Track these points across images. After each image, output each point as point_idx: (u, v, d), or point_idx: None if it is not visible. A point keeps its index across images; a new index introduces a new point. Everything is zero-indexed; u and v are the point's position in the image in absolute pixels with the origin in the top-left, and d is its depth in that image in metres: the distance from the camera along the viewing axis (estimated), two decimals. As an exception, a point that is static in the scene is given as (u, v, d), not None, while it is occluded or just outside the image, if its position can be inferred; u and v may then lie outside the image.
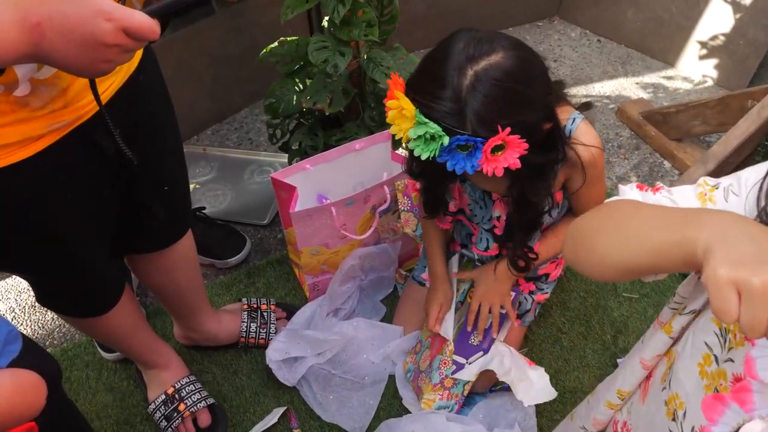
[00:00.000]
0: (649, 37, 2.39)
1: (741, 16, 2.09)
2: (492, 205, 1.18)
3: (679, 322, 0.70)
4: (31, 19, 0.59)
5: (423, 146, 0.87)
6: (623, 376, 0.80)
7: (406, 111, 0.87)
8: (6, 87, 0.70)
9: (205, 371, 1.46)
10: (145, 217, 1.01)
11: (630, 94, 2.25)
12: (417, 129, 0.86)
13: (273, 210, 1.80)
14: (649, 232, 0.56)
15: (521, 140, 0.86)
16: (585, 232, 0.65)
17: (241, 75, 2.08)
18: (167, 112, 1.03)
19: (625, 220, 0.61)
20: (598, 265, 0.62)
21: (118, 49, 0.63)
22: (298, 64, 1.47)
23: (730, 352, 0.60)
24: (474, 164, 0.87)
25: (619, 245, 0.59)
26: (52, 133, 0.78)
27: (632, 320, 1.53)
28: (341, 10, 1.24)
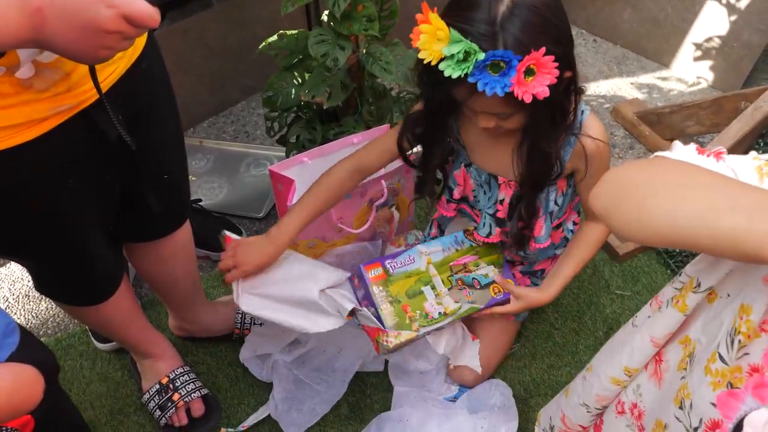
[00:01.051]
0: (644, 38, 2.41)
1: (735, 18, 2.12)
2: (497, 189, 1.19)
3: (693, 300, 0.67)
4: (32, 3, 0.59)
5: (454, 65, 0.87)
6: (630, 354, 0.78)
7: (440, 32, 0.87)
8: (8, 69, 0.70)
9: (199, 362, 1.46)
10: (144, 205, 1.01)
11: (625, 94, 2.26)
12: (452, 47, 0.87)
13: (269, 203, 1.80)
14: (721, 213, 0.50)
15: (553, 64, 0.87)
16: (633, 186, 0.59)
17: (239, 68, 2.08)
18: (169, 102, 1.03)
19: (693, 189, 0.54)
20: (642, 226, 0.56)
21: (118, 36, 0.64)
22: (297, 58, 1.47)
23: (743, 349, 0.59)
24: (506, 84, 0.88)
25: (678, 216, 0.53)
26: (56, 116, 0.79)
27: (624, 317, 1.54)
28: (342, 4, 1.24)
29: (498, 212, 1.23)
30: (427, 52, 0.90)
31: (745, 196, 0.51)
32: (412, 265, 1.26)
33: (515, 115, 1.00)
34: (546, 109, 0.97)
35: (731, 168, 0.60)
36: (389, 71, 1.36)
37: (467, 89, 0.92)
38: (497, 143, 1.14)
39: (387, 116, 1.55)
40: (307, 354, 1.41)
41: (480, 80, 0.88)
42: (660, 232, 0.55)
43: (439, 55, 0.88)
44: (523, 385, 1.42)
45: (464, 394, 1.37)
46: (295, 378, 1.38)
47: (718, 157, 0.61)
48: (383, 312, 1.18)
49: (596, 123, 1.11)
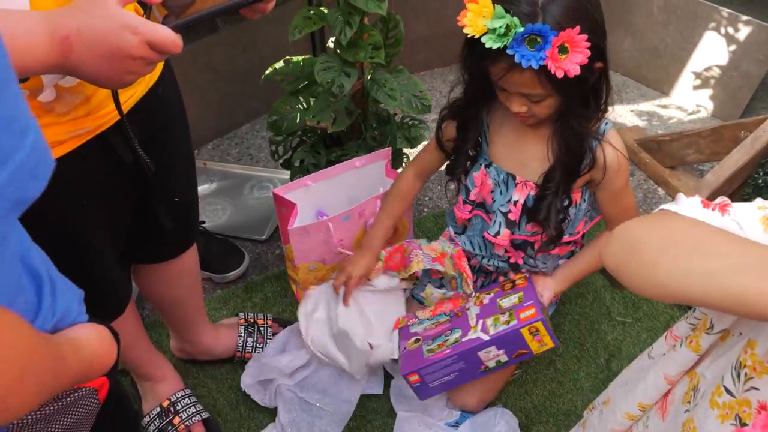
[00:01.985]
0: (644, 66, 2.44)
1: (734, 49, 2.15)
2: (513, 189, 1.23)
3: (707, 341, 0.68)
4: (60, 31, 0.62)
5: (495, 38, 0.96)
6: (644, 390, 0.79)
7: (485, 9, 0.96)
8: (31, 92, 0.72)
9: (200, 385, 1.46)
10: (156, 226, 1.03)
11: (625, 121, 2.29)
12: (494, 22, 0.95)
13: (272, 225, 1.81)
14: (731, 274, 0.51)
15: (585, 44, 0.95)
16: (643, 246, 0.61)
17: (245, 91, 2.11)
18: (182, 126, 1.06)
19: (702, 251, 0.56)
20: (654, 286, 0.58)
21: (142, 62, 0.66)
22: (303, 83, 1.50)
23: (751, 381, 0.59)
24: (541, 57, 0.95)
25: (689, 277, 0.55)
26: (73, 139, 0.80)
27: (625, 344, 1.54)
28: (348, 32, 1.26)
29: (510, 213, 1.25)
30: (471, 27, 0.98)
31: (753, 255, 0.52)
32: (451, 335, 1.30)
33: (547, 99, 1.06)
34: (578, 90, 1.04)
35: (737, 221, 0.61)
36: (393, 98, 1.38)
37: (504, 65, 1.00)
38: (522, 142, 1.20)
39: (390, 141, 1.57)
40: (311, 376, 1.41)
41: (517, 52, 0.96)
42: (671, 290, 0.56)
43: (482, 29, 0.97)
44: (524, 411, 1.42)
45: (468, 421, 1.36)
46: (301, 401, 1.38)
47: (723, 211, 0.62)
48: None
49: (618, 137, 1.18)
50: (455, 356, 1.22)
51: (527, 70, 0.98)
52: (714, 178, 1.62)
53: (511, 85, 1.05)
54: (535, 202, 1.21)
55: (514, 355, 1.23)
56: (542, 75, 0.99)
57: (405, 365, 1.28)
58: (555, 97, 1.06)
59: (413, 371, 1.25)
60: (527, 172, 1.21)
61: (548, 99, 1.06)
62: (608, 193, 1.21)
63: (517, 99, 1.08)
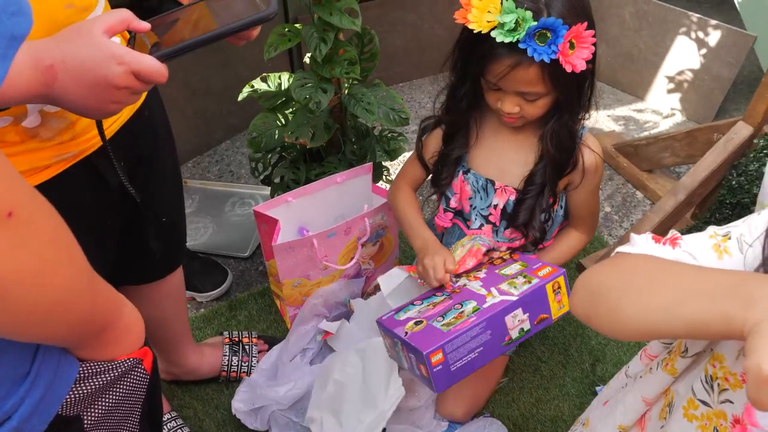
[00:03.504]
0: (619, 72, 2.48)
1: (705, 52, 2.19)
2: (493, 194, 1.24)
3: (682, 364, 0.70)
4: (44, 61, 0.62)
5: (506, 33, 0.97)
6: (623, 412, 0.80)
7: (492, 4, 0.96)
8: (15, 118, 0.72)
9: (186, 406, 1.45)
10: (143, 248, 1.02)
11: (602, 127, 2.32)
12: (505, 16, 0.96)
13: (254, 242, 1.81)
14: (686, 302, 0.52)
15: (592, 39, 0.98)
16: (605, 290, 0.63)
17: (223, 109, 2.11)
18: (169, 147, 1.06)
19: (657, 285, 0.57)
20: (620, 327, 0.59)
21: (127, 91, 0.67)
22: (281, 100, 1.50)
23: (725, 393, 0.60)
24: (553, 51, 0.97)
25: (649, 313, 0.56)
26: (59, 163, 0.80)
27: (609, 348, 1.56)
28: (323, 49, 1.27)
29: (491, 215, 1.26)
30: (476, 23, 0.98)
31: (705, 281, 0.53)
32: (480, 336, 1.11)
33: (542, 99, 1.07)
34: (576, 87, 1.07)
35: (689, 252, 0.63)
36: (371, 111, 1.39)
37: (509, 62, 1.00)
38: (502, 148, 1.22)
39: (370, 155, 1.58)
40: (303, 399, 1.39)
41: (530, 46, 0.96)
42: (638, 329, 0.57)
43: (490, 24, 0.97)
44: (512, 419, 1.42)
45: (458, 429, 1.36)
46: (296, 426, 1.36)
47: (674, 244, 0.64)
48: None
49: (594, 139, 1.21)
50: (483, 323, 1.04)
51: (533, 66, 0.99)
52: (690, 180, 1.64)
53: (511, 83, 1.05)
54: (515, 206, 1.22)
55: (536, 320, 1.11)
56: (546, 72, 1.01)
57: (422, 344, 1.03)
58: (550, 96, 1.08)
59: (437, 347, 1.02)
60: (507, 177, 1.22)
61: (543, 98, 1.08)
62: (583, 194, 1.23)
63: (512, 99, 1.09)
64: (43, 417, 0.52)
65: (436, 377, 1.03)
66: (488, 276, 1.17)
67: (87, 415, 0.58)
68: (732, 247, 0.61)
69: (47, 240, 0.46)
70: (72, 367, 0.55)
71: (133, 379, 0.63)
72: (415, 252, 1.28)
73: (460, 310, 1.09)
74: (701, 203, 1.79)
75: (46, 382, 0.52)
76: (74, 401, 0.56)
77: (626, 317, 0.58)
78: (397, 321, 1.14)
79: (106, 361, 0.58)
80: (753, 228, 0.61)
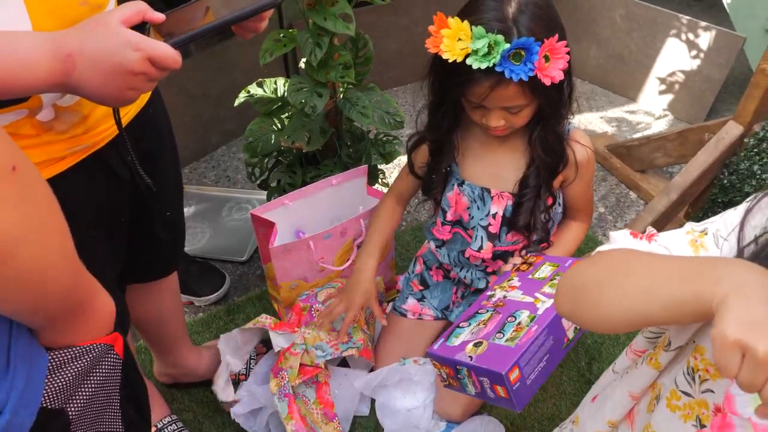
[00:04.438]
0: (611, 74, 2.51)
1: (696, 54, 2.22)
2: (490, 202, 1.26)
3: (665, 357, 0.72)
4: (63, 50, 0.64)
5: (481, 59, 0.98)
6: (612, 408, 0.82)
7: (462, 32, 0.98)
8: (30, 111, 0.74)
9: (185, 409, 1.45)
10: (148, 244, 1.04)
11: (595, 128, 2.34)
12: (477, 42, 0.97)
13: (252, 246, 1.82)
14: (661, 285, 0.55)
15: (565, 49, 0.99)
16: (586, 285, 0.65)
17: (219, 114, 2.12)
18: (171, 146, 1.09)
19: (633, 273, 0.59)
20: (604, 319, 0.61)
21: (143, 77, 0.69)
22: (276, 105, 1.52)
23: (706, 384, 0.62)
24: (530, 69, 0.98)
25: (628, 300, 0.57)
26: (72, 155, 0.82)
27: (605, 347, 1.57)
28: (318, 53, 1.29)
29: (490, 226, 1.27)
30: (449, 52, 0.99)
31: (676, 265, 0.56)
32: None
33: (526, 109, 1.09)
34: (557, 93, 1.08)
35: (664, 246, 0.65)
36: (366, 115, 1.40)
37: (488, 84, 1.02)
38: (493, 155, 1.24)
39: (365, 158, 1.59)
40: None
41: (506, 68, 0.98)
42: (619, 319, 0.59)
43: (464, 52, 0.98)
44: (509, 418, 1.43)
45: (454, 430, 1.38)
46: None
47: (650, 239, 0.67)
48: None
49: (582, 132, 1.22)
50: (545, 329, 1.01)
51: (512, 84, 1.01)
52: (682, 180, 1.67)
53: (493, 101, 1.07)
54: (514, 209, 1.24)
55: None
56: (526, 86, 1.03)
57: (496, 364, 0.97)
58: (533, 105, 1.10)
59: (513, 365, 0.97)
60: (502, 183, 1.24)
61: (527, 108, 1.10)
62: (579, 187, 1.25)
63: (497, 114, 1.10)
64: (30, 408, 0.52)
65: (517, 394, 0.98)
66: (524, 283, 1.15)
67: (70, 407, 0.58)
68: (708, 242, 0.63)
69: (45, 202, 0.48)
70: (41, 356, 0.56)
71: (107, 365, 0.63)
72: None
73: (516, 321, 1.06)
74: (694, 202, 1.81)
75: (25, 373, 0.52)
76: (55, 392, 0.56)
77: (607, 308, 0.60)
78: (454, 347, 1.07)
79: (75, 347, 0.58)
80: (728, 223, 0.63)
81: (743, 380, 0.44)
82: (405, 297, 1.52)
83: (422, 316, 1.51)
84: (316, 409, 1.35)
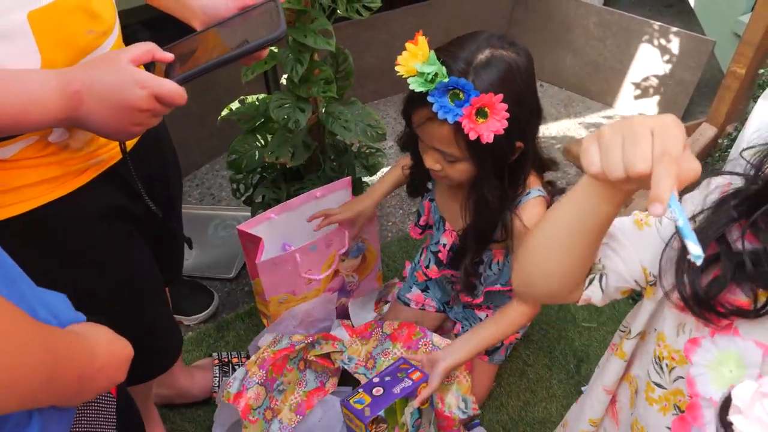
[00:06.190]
0: (587, 80, 2.56)
1: (668, 58, 2.27)
2: (443, 232, 1.26)
3: (628, 346, 0.74)
4: (71, 86, 0.66)
5: (421, 82, 0.96)
6: (590, 405, 0.84)
7: (421, 53, 0.96)
8: (40, 136, 0.75)
9: (177, 429, 1.44)
10: (171, 251, 1.09)
11: (574, 134, 2.38)
12: (425, 66, 0.95)
13: (239, 263, 1.82)
14: (562, 202, 0.63)
15: (505, 114, 0.94)
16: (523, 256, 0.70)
17: (201, 133, 2.13)
18: (174, 164, 1.12)
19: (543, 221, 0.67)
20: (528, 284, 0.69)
21: (149, 114, 0.72)
22: (259, 121, 1.53)
23: (675, 371, 0.65)
24: (457, 113, 0.95)
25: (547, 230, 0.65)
26: (91, 169, 0.84)
27: (593, 348, 1.59)
28: (299, 69, 1.30)
29: (439, 253, 1.29)
30: (403, 67, 0.98)
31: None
32: None
33: (461, 163, 1.05)
34: (492, 162, 1.03)
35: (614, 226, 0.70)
36: (349, 129, 1.42)
37: (425, 113, 0.99)
38: (455, 192, 1.21)
39: (348, 171, 1.61)
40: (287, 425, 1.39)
41: (437, 101, 0.95)
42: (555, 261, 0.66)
43: (412, 71, 0.97)
44: (501, 423, 1.44)
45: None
46: None
47: None
48: None
49: (534, 210, 1.12)
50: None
51: (445, 124, 0.97)
52: (660, 181, 1.70)
53: (428, 136, 1.05)
54: (455, 253, 1.25)
55: None
56: (459, 135, 0.98)
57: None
58: (469, 163, 1.05)
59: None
60: (455, 221, 1.23)
61: (462, 163, 1.05)
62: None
63: (432, 154, 1.08)
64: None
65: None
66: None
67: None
68: (651, 219, 0.68)
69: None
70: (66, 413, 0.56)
71: (100, 403, 0.64)
72: None
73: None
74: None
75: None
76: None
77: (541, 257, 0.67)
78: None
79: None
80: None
81: (604, 162, 0.50)
82: (409, 286, 1.53)
83: (425, 307, 1.52)
84: (295, 395, 1.36)
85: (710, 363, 0.59)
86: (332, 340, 1.40)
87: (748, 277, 0.55)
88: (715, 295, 0.56)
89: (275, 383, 1.33)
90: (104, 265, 0.90)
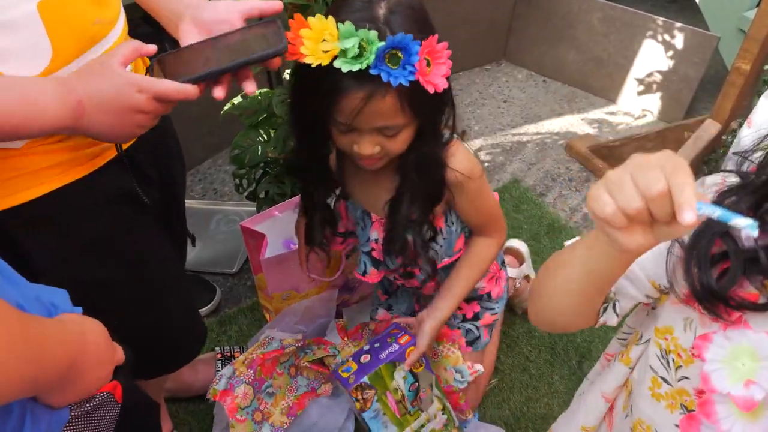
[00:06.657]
0: (590, 76, 2.55)
1: (672, 54, 2.26)
2: (371, 226, 1.15)
3: (636, 352, 0.74)
4: (73, 96, 0.68)
5: (351, 60, 0.80)
6: (584, 413, 0.83)
7: (327, 31, 0.80)
8: None
9: (181, 423, 1.45)
10: (175, 245, 1.10)
11: (577, 130, 2.38)
12: (346, 42, 0.79)
13: (242, 258, 1.82)
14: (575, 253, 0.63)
15: (447, 52, 0.84)
16: (534, 290, 0.73)
17: (204, 128, 2.13)
18: (179, 156, 1.14)
19: (555, 261, 0.67)
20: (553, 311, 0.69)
21: (150, 115, 0.73)
22: (262, 116, 1.52)
23: (680, 371, 0.65)
24: (410, 72, 0.82)
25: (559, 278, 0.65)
26: (102, 155, 0.85)
27: (595, 345, 1.59)
28: (303, 65, 1.30)
29: (373, 251, 1.17)
30: (314, 56, 0.81)
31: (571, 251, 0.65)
32: None
33: (404, 131, 0.92)
34: (438, 111, 0.95)
35: None
36: (352, 124, 1.41)
37: (362, 95, 0.84)
38: (375, 175, 1.06)
39: (352, 166, 1.60)
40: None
41: (383, 71, 0.81)
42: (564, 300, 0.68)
43: (329, 54, 0.80)
44: (503, 419, 1.45)
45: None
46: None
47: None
48: None
49: (458, 145, 1.03)
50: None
51: (390, 95, 0.84)
52: (663, 178, 1.70)
53: (367, 119, 0.88)
54: (385, 236, 1.11)
55: None
56: (404, 99, 0.86)
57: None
58: (412, 126, 0.93)
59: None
60: (380, 207, 1.09)
61: (405, 130, 0.92)
62: (465, 205, 1.08)
63: (370, 138, 0.92)
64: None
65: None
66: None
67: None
68: None
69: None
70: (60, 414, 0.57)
71: (106, 411, 0.65)
72: None
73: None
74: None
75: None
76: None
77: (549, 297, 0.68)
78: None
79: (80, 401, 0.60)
80: None
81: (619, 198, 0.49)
82: (376, 308, 1.49)
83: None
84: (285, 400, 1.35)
85: (725, 358, 0.59)
86: (324, 345, 1.38)
87: (761, 271, 0.56)
88: (728, 288, 0.57)
89: (263, 384, 1.32)
90: (118, 249, 0.91)
